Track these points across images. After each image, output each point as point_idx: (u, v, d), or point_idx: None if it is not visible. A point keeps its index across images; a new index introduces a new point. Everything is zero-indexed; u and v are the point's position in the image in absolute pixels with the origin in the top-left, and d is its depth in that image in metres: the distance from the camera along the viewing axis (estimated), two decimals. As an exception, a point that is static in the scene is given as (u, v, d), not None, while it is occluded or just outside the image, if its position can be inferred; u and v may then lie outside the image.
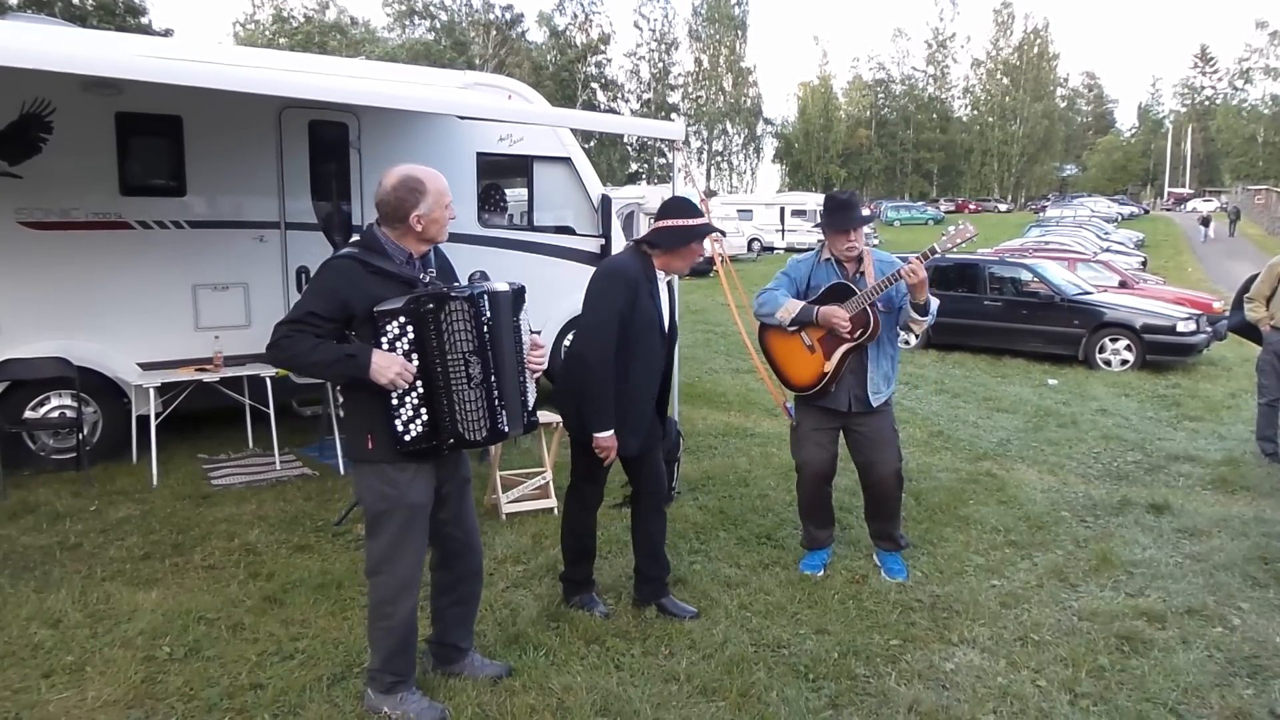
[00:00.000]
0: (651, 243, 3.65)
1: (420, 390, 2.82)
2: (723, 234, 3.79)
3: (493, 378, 2.89)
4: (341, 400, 3.05)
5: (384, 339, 2.77)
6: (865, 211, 4.30)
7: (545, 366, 3.22)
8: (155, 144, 6.33)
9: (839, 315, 4.01)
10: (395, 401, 2.79)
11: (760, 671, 3.39)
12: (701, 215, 3.70)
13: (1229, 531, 5.05)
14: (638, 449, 3.70)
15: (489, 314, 2.88)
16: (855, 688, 3.32)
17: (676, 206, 3.72)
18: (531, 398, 3.10)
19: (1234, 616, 3.96)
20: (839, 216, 4.09)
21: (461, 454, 3.12)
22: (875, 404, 4.16)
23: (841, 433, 4.33)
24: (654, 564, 3.89)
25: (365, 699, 3.09)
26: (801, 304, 4.12)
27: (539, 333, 3.49)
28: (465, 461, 3.17)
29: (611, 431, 3.56)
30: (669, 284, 3.84)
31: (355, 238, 3.06)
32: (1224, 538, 4.95)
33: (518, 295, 3.03)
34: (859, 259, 4.16)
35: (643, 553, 3.89)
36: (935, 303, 4.06)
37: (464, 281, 3.09)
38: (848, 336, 4.03)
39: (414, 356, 2.80)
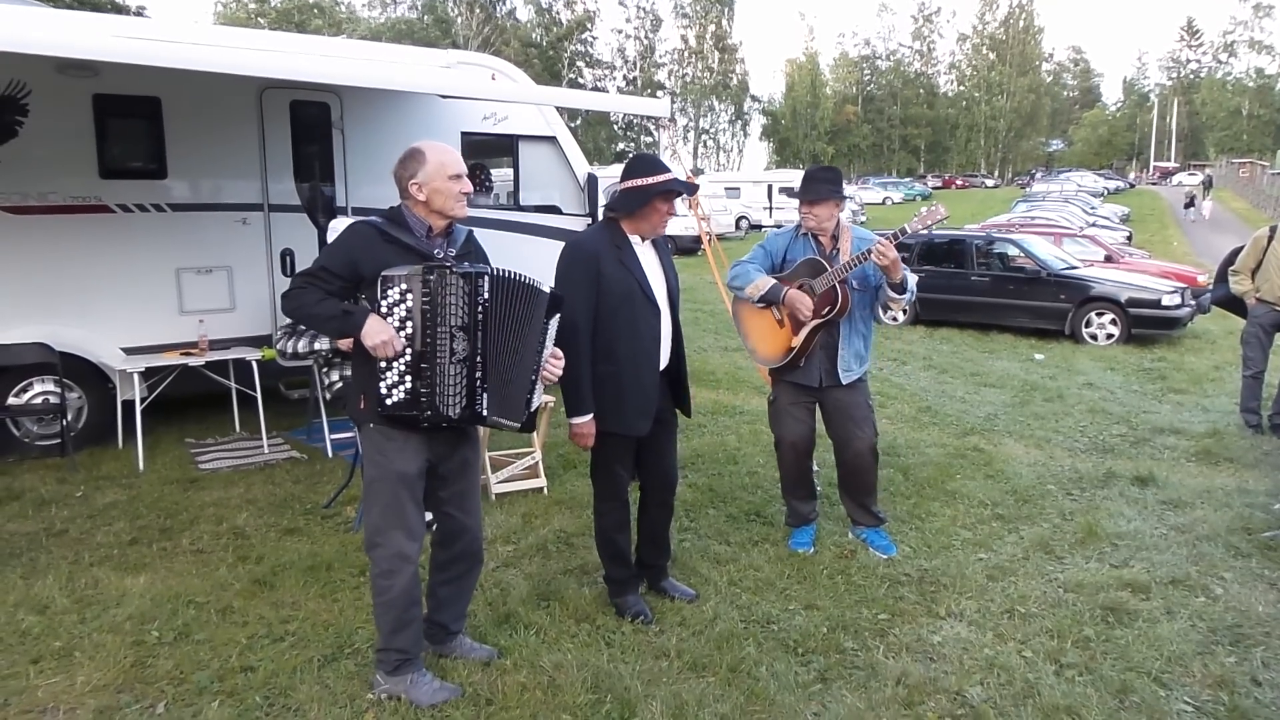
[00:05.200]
0: (612, 208, 3.46)
1: (408, 359, 2.85)
2: (690, 189, 3.57)
3: (479, 358, 2.88)
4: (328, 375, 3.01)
5: (384, 303, 2.82)
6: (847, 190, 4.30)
7: (559, 376, 3.16)
8: (134, 126, 6.24)
9: (804, 304, 4.02)
10: (384, 365, 2.84)
11: (750, 647, 3.41)
12: (665, 172, 3.39)
13: (1212, 503, 5.11)
14: (648, 429, 3.49)
15: (486, 295, 2.88)
16: (844, 661, 3.35)
17: (636, 166, 3.45)
18: (537, 400, 3.08)
19: (1216, 586, 4.01)
20: (801, 187, 4.15)
21: (467, 435, 3.12)
22: (845, 381, 4.19)
23: (819, 408, 4.35)
24: (656, 552, 3.84)
25: (374, 683, 3.07)
26: (772, 282, 4.11)
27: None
28: (471, 443, 3.16)
29: (588, 418, 3.39)
30: (663, 247, 3.58)
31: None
32: (1207, 509, 5.00)
33: (554, 300, 3.00)
34: (835, 236, 4.17)
35: (645, 539, 3.81)
36: (913, 279, 4.08)
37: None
38: (805, 318, 4.05)
39: (409, 324, 2.84)
